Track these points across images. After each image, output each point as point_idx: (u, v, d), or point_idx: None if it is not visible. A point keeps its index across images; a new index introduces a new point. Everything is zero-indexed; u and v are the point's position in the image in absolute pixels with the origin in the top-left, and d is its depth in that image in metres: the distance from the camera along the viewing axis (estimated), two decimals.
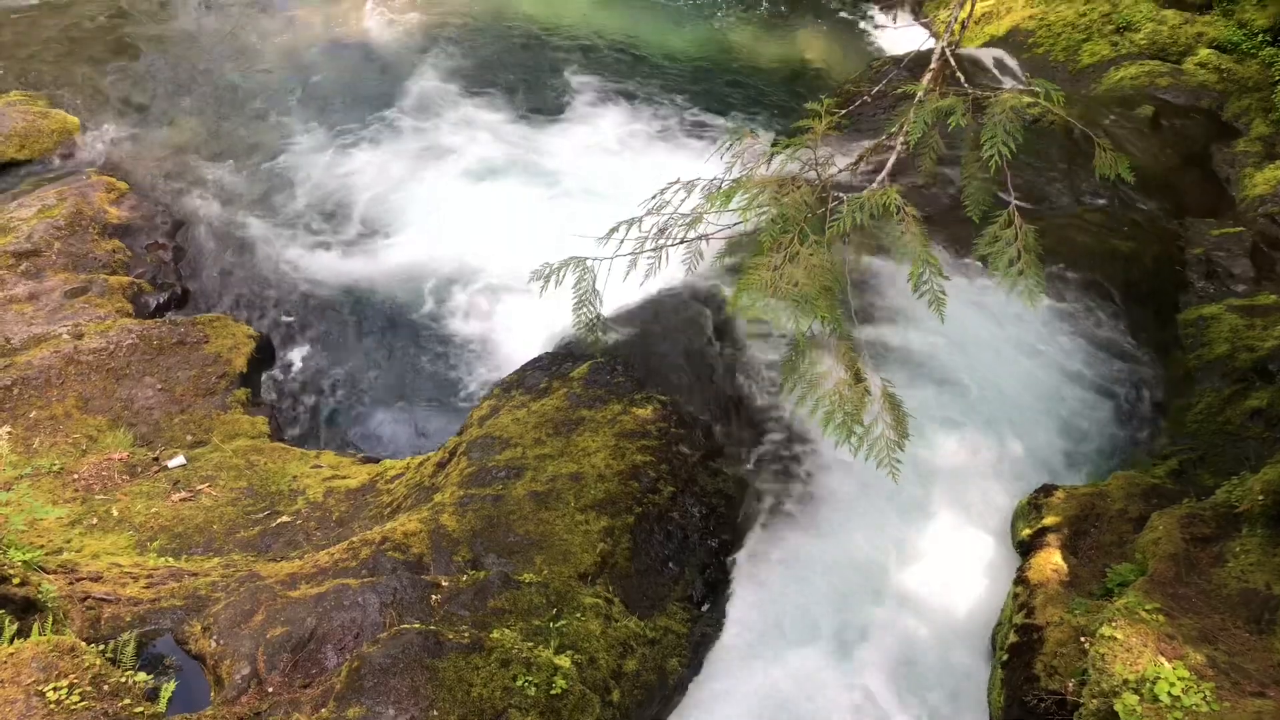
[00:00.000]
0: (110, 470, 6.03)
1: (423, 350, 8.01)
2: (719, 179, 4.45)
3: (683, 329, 6.91)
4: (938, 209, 7.95)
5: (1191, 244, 8.13)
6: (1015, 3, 11.94)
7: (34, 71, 10.78)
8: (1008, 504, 6.12)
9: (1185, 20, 10.79)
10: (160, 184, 9.35)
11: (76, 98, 10.37)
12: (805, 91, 11.57)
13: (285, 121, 10.51)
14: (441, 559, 5.05)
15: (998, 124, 3.97)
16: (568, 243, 4.86)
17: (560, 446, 5.78)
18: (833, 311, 3.81)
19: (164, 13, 12.32)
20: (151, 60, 11.32)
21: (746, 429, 6.44)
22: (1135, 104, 9.76)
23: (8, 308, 7.35)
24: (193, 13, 12.43)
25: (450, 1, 13.40)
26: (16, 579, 4.13)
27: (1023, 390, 6.74)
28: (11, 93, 10.11)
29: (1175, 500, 5.46)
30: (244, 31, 12.13)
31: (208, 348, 7.14)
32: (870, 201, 3.86)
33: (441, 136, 10.34)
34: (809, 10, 13.70)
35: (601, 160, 10.18)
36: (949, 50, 4.42)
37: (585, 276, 4.69)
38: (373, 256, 8.79)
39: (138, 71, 11.06)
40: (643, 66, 12.08)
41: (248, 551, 5.50)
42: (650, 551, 5.48)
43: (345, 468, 6.39)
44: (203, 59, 11.49)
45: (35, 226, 8.03)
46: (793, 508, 6.05)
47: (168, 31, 11.93)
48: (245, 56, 11.63)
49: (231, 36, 12.00)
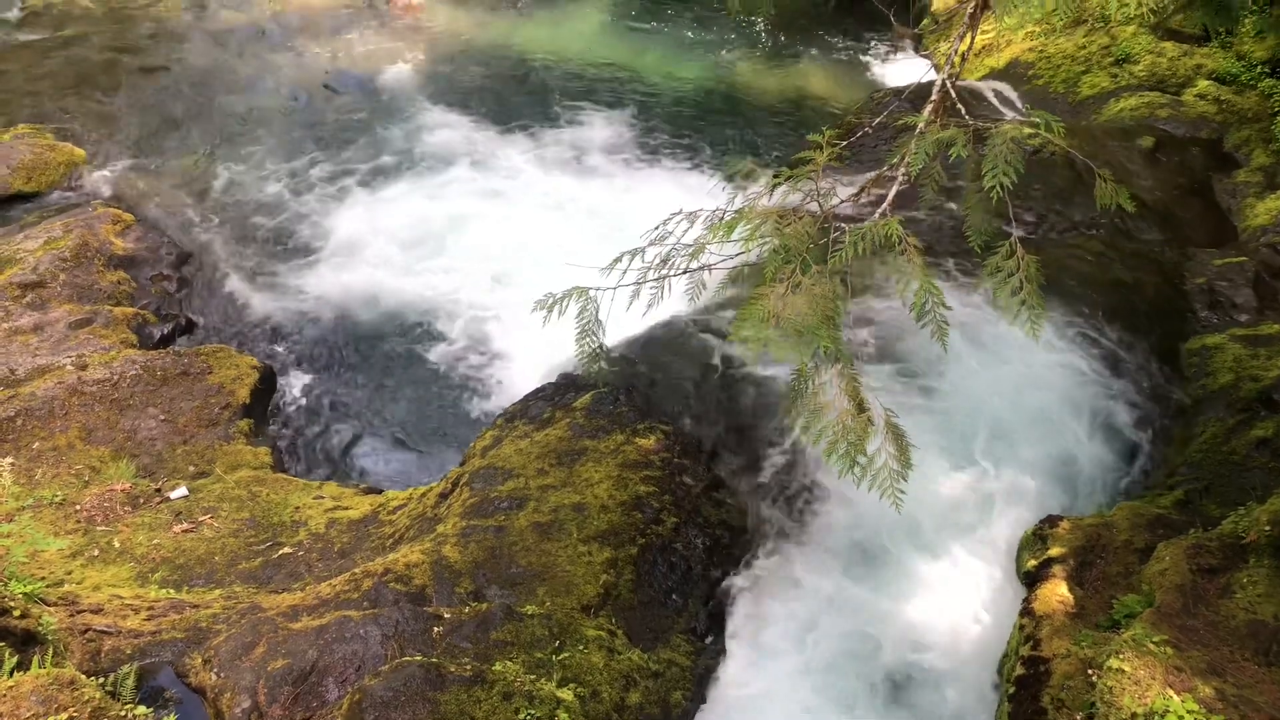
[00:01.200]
0: (112, 501, 6.02)
1: (426, 380, 8.02)
2: (721, 210, 4.47)
3: (685, 359, 6.92)
4: (940, 239, 7.97)
5: (1194, 274, 8.13)
6: (1015, 35, 12.04)
7: (42, 104, 10.88)
8: (1012, 534, 6.08)
9: (1184, 52, 10.87)
10: (166, 215, 9.41)
11: (83, 130, 10.46)
12: (807, 123, 11.64)
13: (289, 153, 10.58)
14: (444, 590, 5.02)
15: (998, 155, 3.99)
16: (570, 273, 4.88)
17: (563, 477, 5.77)
18: (835, 341, 3.81)
19: (171, 46, 12.45)
20: (158, 93, 11.42)
21: (749, 459, 6.42)
22: (1135, 135, 9.81)
23: (13, 339, 7.37)
24: (199, 46, 12.55)
25: (453, 34, 13.54)
26: (17, 611, 4.11)
27: (1026, 420, 6.72)
28: (19, 126, 10.20)
29: (1181, 531, 5.42)
30: (249, 65, 12.25)
31: (211, 378, 7.15)
32: (872, 232, 3.87)
33: (443, 169, 10.41)
34: (810, 42, 13.82)
35: (604, 191, 10.23)
36: (949, 82, 4.45)
37: (588, 306, 4.70)
38: (375, 288, 8.82)
39: (144, 104, 11.16)
40: (645, 97, 12.17)
41: (249, 583, 5.48)
42: (653, 583, 5.45)
43: (348, 498, 6.37)
44: (209, 92, 11.59)
45: (41, 258, 8.07)
46: (797, 538, 6.02)
47: (175, 65, 12.05)
48: (250, 89, 11.73)
49: (237, 70, 12.11)
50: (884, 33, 13.81)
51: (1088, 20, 11.57)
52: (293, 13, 13.61)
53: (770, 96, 12.52)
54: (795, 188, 4.37)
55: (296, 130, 11.02)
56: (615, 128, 11.38)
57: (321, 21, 13.47)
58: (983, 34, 12.22)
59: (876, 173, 4.64)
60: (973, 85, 11.16)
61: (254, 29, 13.13)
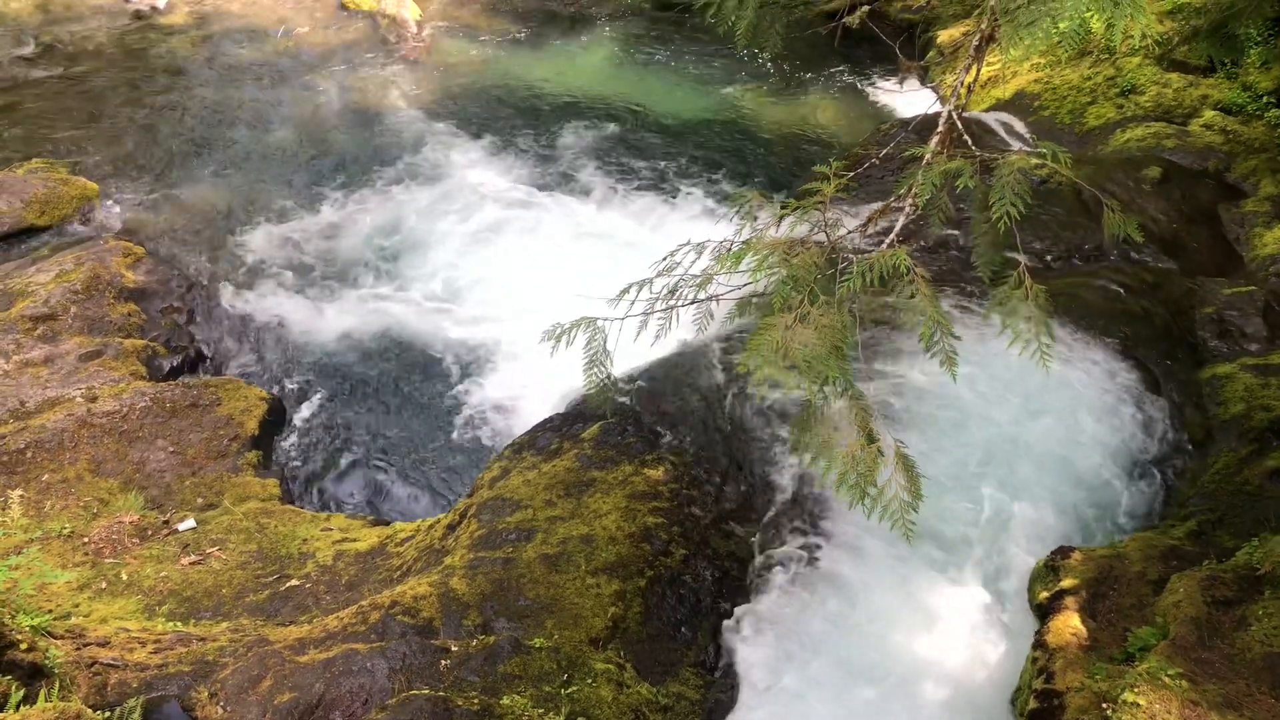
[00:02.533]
0: (121, 533, 6.02)
1: (433, 412, 8.02)
2: (729, 240, 4.48)
3: (693, 389, 6.91)
4: (948, 269, 7.98)
5: (1203, 303, 8.12)
6: (1021, 67, 12.10)
7: (55, 139, 11.01)
8: (1024, 566, 6.03)
9: (1189, 83, 10.91)
10: (176, 248, 9.48)
11: (96, 164, 10.57)
12: (814, 154, 11.70)
13: (299, 186, 10.67)
14: (451, 623, 4.99)
15: (1006, 185, 3.99)
16: (578, 303, 4.88)
17: (571, 508, 5.75)
18: (844, 372, 3.80)
19: (183, 82, 12.60)
20: (170, 127, 11.55)
21: (758, 490, 6.39)
22: (1142, 165, 9.82)
23: (24, 371, 7.41)
24: (211, 82, 12.69)
25: (463, 68, 13.67)
26: (24, 644, 4.10)
27: (1036, 451, 6.69)
28: (33, 160, 10.31)
29: (1195, 562, 5.37)
30: (261, 99, 12.38)
31: (220, 410, 7.16)
32: (880, 262, 3.88)
33: (453, 200, 10.47)
34: (817, 75, 13.91)
35: (612, 222, 10.28)
36: (956, 114, 4.47)
37: (596, 337, 4.70)
38: (383, 319, 8.85)
39: (156, 139, 11.28)
40: (652, 130, 12.24)
41: (256, 616, 5.46)
42: (662, 615, 5.41)
43: (355, 530, 6.36)
44: (219, 126, 11.71)
45: (53, 291, 8.12)
46: (806, 570, 5.98)
47: (186, 100, 12.18)
48: (261, 123, 11.85)
49: (248, 104, 12.24)
50: (890, 65, 13.90)
51: (1093, 52, 11.63)
52: (304, 48, 13.77)
53: (777, 128, 12.59)
54: (803, 218, 4.38)
55: (307, 164, 11.12)
56: (624, 160, 11.45)
57: (333, 56, 13.62)
58: (988, 66, 12.29)
59: (884, 203, 4.65)
60: (979, 117, 11.21)
61: (266, 64, 13.28)
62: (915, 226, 7.34)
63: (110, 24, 13.91)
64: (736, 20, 5.84)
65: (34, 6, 14.06)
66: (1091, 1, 3.64)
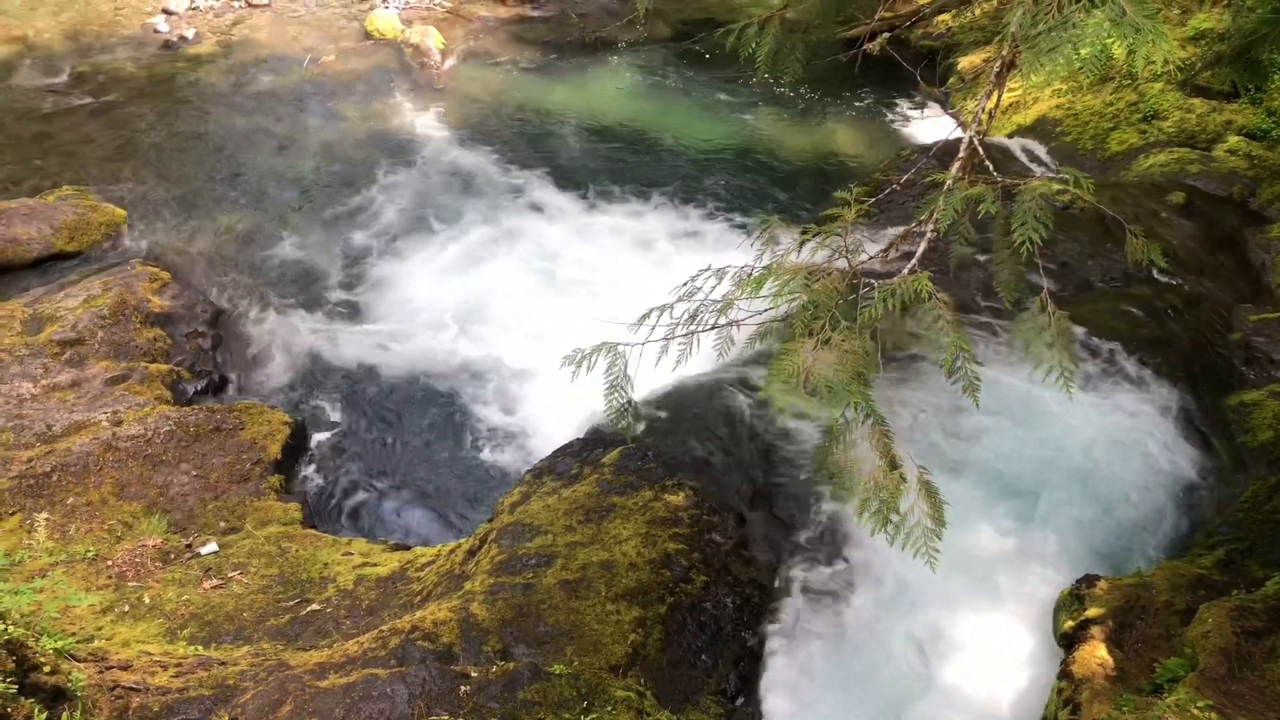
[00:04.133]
0: (144, 557, 6.05)
1: (455, 437, 8.04)
2: (750, 266, 4.48)
3: (714, 415, 6.90)
4: (970, 295, 7.94)
5: (1229, 329, 8.04)
6: (1042, 93, 12.09)
7: (86, 166, 11.18)
8: (1048, 594, 5.96)
9: (1213, 108, 10.86)
10: (201, 273, 9.59)
11: (124, 191, 10.72)
12: (834, 180, 11.71)
13: (321, 213, 10.77)
14: (471, 649, 4.98)
15: (1028, 210, 3.98)
16: (598, 328, 4.90)
17: (591, 534, 5.74)
18: (866, 398, 3.79)
19: (211, 110, 12.77)
20: (196, 155, 11.70)
21: (780, 516, 6.36)
22: (1166, 190, 9.77)
23: (51, 395, 7.49)
24: (238, 110, 12.87)
25: (485, 95, 13.80)
26: (47, 667, 4.12)
27: (1060, 477, 6.63)
28: (64, 187, 10.47)
29: (1224, 592, 5.29)
30: (286, 127, 12.53)
31: (243, 434, 7.20)
32: (902, 288, 3.87)
33: (474, 227, 10.55)
34: (837, 101, 13.95)
35: (632, 247, 10.31)
36: (977, 139, 4.46)
37: (617, 362, 4.71)
38: (406, 344, 8.90)
39: (183, 166, 11.43)
40: (672, 156, 12.30)
41: (277, 640, 5.46)
42: (682, 643, 5.37)
43: (376, 555, 6.36)
44: (245, 153, 11.86)
45: (80, 316, 8.22)
46: (828, 598, 5.93)
47: (213, 127, 12.35)
48: (286, 151, 11.99)
49: (274, 132, 12.39)
50: (911, 92, 13.92)
51: (1115, 77, 11.61)
52: (329, 77, 13.94)
53: (798, 154, 12.63)
54: (824, 244, 4.38)
55: (330, 190, 11.23)
56: (644, 185, 11.50)
57: (357, 84, 13.78)
58: (1009, 92, 12.29)
59: (905, 229, 4.64)
60: (1001, 142, 11.20)
61: (292, 92, 13.45)
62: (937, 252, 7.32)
63: (139, 53, 14.14)
64: (757, 47, 5.87)
65: (65, 37, 14.33)
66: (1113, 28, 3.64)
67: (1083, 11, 3.67)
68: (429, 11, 16.39)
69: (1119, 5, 3.65)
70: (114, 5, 15.45)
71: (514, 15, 16.59)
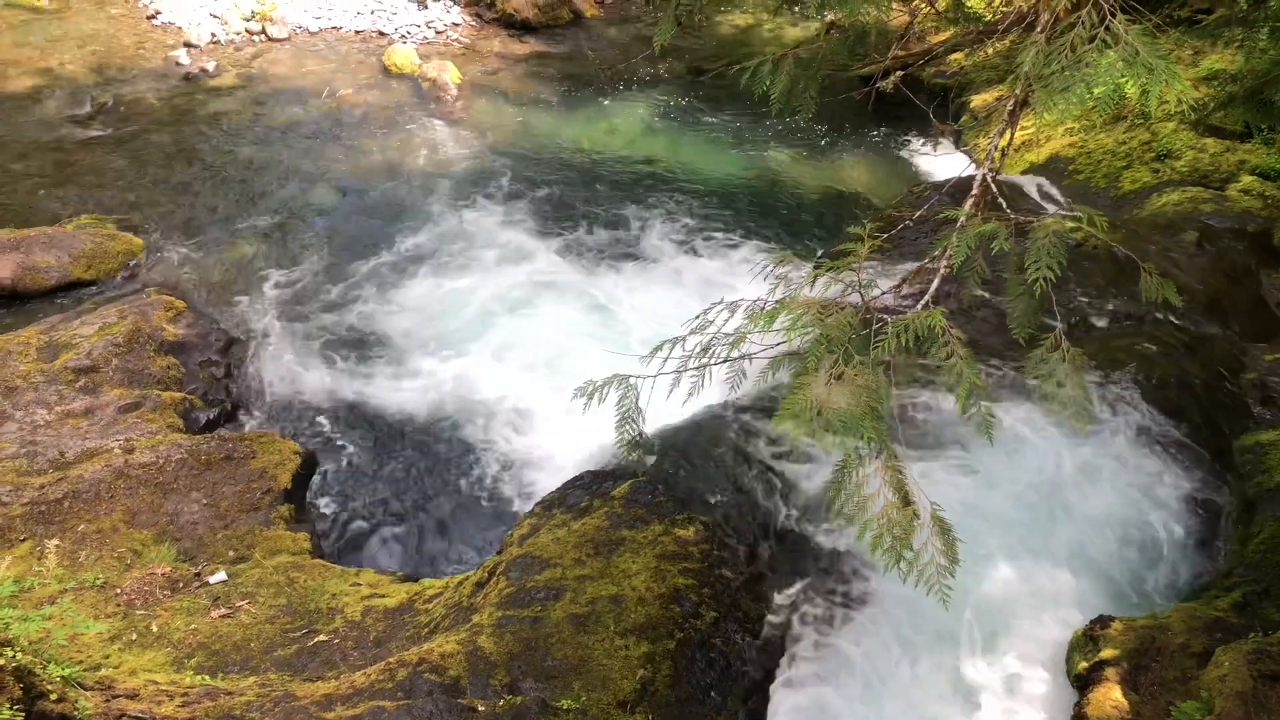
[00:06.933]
0: (153, 585, 6.04)
1: (465, 468, 8.03)
2: (762, 300, 4.49)
3: (726, 448, 6.88)
4: (983, 331, 7.93)
5: (1244, 369, 8.00)
6: (1055, 131, 12.14)
7: (105, 195, 11.29)
8: (1061, 635, 5.90)
9: (1226, 148, 10.88)
10: (215, 303, 9.65)
11: (142, 220, 10.82)
12: (847, 216, 11.75)
13: (337, 244, 10.84)
14: (478, 682, 4.95)
15: (1041, 248, 3.99)
16: (610, 360, 4.90)
17: (600, 567, 5.71)
18: (879, 433, 3.78)
19: (229, 141, 12.91)
20: (214, 185, 11.82)
21: (791, 552, 6.32)
22: (1179, 229, 9.77)
23: (64, 421, 7.52)
24: (257, 141, 13.00)
25: (500, 130, 13.92)
26: (54, 695, 4.10)
27: (1074, 517, 6.58)
28: (82, 216, 10.58)
29: (1240, 635, 5.23)
30: (304, 159, 12.65)
31: (254, 463, 7.21)
32: (915, 324, 3.87)
33: (485, 259, 10.60)
34: (851, 138, 14.02)
35: (644, 280, 10.34)
36: (990, 176, 4.48)
37: (628, 394, 4.71)
38: (418, 375, 8.92)
39: (200, 196, 11.54)
40: (685, 191, 12.36)
41: (284, 670, 5.44)
42: (691, 679, 5.33)
43: (384, 586, 6.34)
44: (262, 185, 11.97)
45: (95, 344, 8.27)
46: (840, 635, 5.88)
47: (231, 159, 12.48)
48: (303, 182, 12.09)
49: (292, 164, 12.51)
50: (924, 129, 13.99)
51: (1127, 117, 11.65)
52: (347, 109, 14.09)
53: (811, 190, 12.68)
54: (836, 279, 4.40)
55: (346, 222, 11.31)
56: (656, 220, 11.55)
57: (375, 117, 13.92)
58: (1022, 130, 12.35)
59: (918, 265, 4.65)
60: (1013, 180, 11.23)
61: (310, 124, 13.59)
62: (950, 288, 7.32)
63: (161, 85, 14.32)
64: (771, 84, 5.93)
65: (90, 69, 14.53)
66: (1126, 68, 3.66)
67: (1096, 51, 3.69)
68: (446, 47, 16.59)
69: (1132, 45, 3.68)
70: (137, 39, 15.68)
71: (531, 51, 16.76)
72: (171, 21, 16.15)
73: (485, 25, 17.50)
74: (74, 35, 15.51)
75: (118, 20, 16.21)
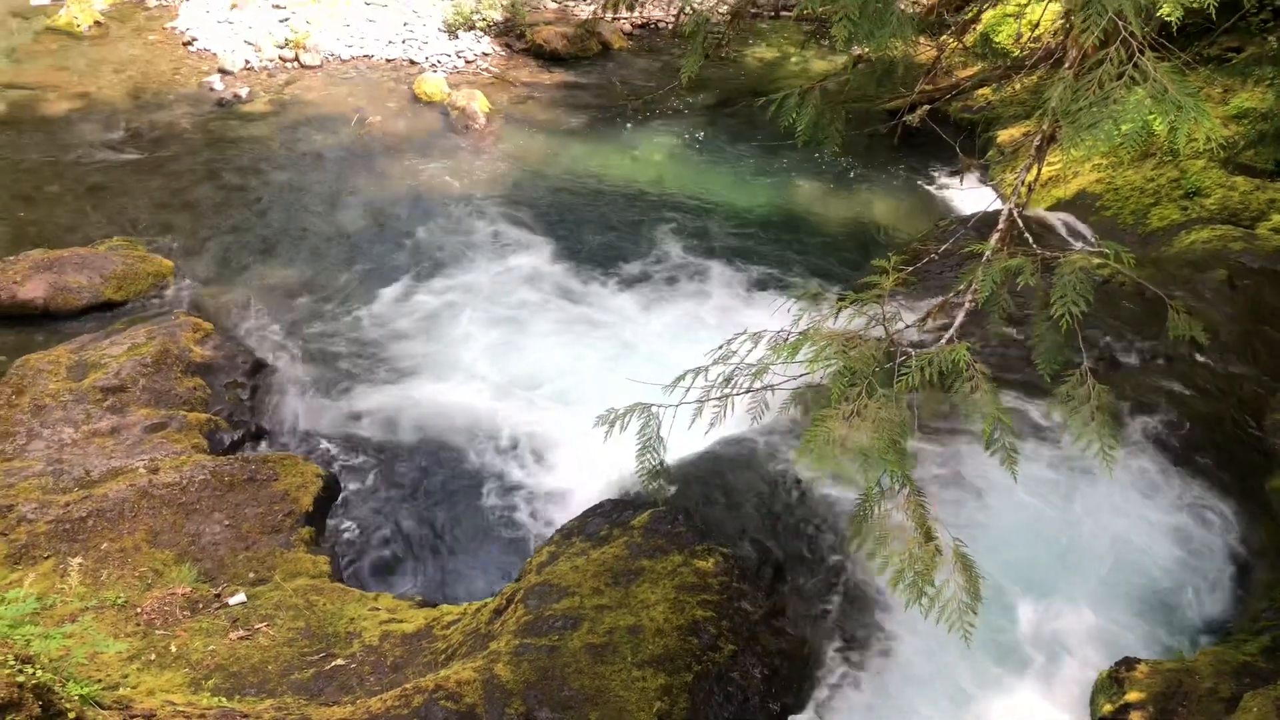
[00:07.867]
0: (173, 605, 6.06)
1: (485, 495, 8.04)
2: (786, 331, 4.49)
3: (747, 480, 6.85)
4: (1008, 367, 7.87)
5: (1273, 409, 7.89)
6: (1082, 167, 12.09)
7: (137, 218, 11.47)
8: (1086, 676, 5.80)
9: (1256, 186, 10.80)
10: (242, 325, 9.74)
11: (173, 242, 10.98)
12: (872, 248, 11.73)
13: (364, 269, 10.95)
14: (494, 710, 4.92)
15: (1068, 284, 3.97)
16: (632, 389, 4.90)
17: (619, 597, 5.68)
18: (902, 467, 3.75)
19: (260, 166, 13.09)
20: (243, 209, 11.98)
21: (811, 585, 6.27)
22: (1208, 267, 9.69)
23: (91, 440, 7.59)
24: (287, 167, 13.18)
25: (528, 158, 14.03)
26: (72, 714, 4.11)
27: (1099, 556, 6.49)
28: (114, 238, 10.73)
29: (1269, 680, 5.13)
30: (332, 184, 12.80)
31: (276, 485, 7.24)
32: (939, 358, 3.85)
33: (510, 287, 10.66)
34: (875, 171, 14.04)
35: (667, 309, 10.36)
36: (1017, 211, 4.47)
37: (650, 423, 4.71)
38: (441, 402, 8.94)
39: (231, 219, 11.70)
40: (709, 221, 12.41)
41: (300, 694, 5.43)
42: (709, 713, 5.27)
43: (402, 611, 6.33)
44: (291, 209, 12.12)
45: (124, 364, 8.36)
46: (859, 672, 5.81)
47: (261, 183, 12.65)
48: (332, 208, 12.23)
49: (321, 190, 12.66)
50: (950, 163, 13.98)
51: (1156, 154, 11.60)
52: (377, 136, 14.27)
53: (836, 222, 12.69)
54: (861, 311, 4.39)
55: (372, 248, 11.42)
56: (680, 250, 11.59)
57: (404, 144, 14.08)
58: (1049, 165, 12.31)
59: (943, 299, 4.64)
60: (1040, 215, 11.18)
61: (340, 151, 13.77)
62: (975, 323, 7.29)
63: (195, 110, 14.56)
64: (798, 117, 5.96)
65: (126, 94, 14.80)
66: (1154, 105, 3.66)
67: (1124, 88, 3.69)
68: (475, 76, 16.78)
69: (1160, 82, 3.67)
70: (173, 65, 15.97)
71: (559, 81, 16.93)
72: (207, 48, 16.45)
73: (515, 55, 17.70)
74: (111, 60, 15.82)
75: (154, 46, 16.54)
